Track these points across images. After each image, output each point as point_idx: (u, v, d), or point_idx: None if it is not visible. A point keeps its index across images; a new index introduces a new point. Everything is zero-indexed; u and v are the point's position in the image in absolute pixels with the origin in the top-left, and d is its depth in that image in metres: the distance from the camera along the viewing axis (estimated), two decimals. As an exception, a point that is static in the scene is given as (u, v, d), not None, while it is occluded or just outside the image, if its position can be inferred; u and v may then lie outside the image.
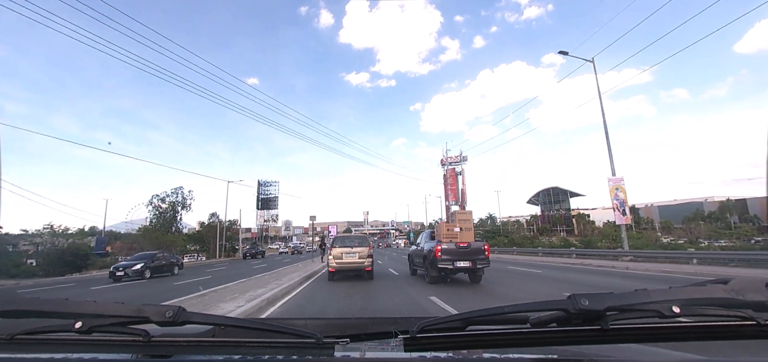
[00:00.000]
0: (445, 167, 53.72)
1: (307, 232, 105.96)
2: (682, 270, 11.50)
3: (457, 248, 9.13)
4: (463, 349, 0.85)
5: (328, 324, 0.96)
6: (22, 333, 0.82)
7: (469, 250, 9.11)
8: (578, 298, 0.69)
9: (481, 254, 9.15)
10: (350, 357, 0.82)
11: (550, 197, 60.01)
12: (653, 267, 12.99)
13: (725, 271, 10.96)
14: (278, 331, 0.80)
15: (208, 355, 0.83)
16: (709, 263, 12.89)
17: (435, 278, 9.15)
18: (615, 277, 11.16)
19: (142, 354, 0.84)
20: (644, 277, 11.00)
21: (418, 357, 0.80)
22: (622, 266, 13.85)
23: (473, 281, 9.47)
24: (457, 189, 50.85)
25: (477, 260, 9.05)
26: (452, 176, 51.85)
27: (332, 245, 10.88)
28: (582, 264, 15.67)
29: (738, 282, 0.70)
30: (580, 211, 58.17)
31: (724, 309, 0.69)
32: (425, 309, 6.40)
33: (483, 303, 6.98)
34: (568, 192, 58.93)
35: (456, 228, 9.65)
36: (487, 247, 9.55)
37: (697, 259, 13.71)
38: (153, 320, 0.75)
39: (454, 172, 51.82)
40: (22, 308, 0.80)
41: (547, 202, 60.04)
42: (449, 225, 9.86)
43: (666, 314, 0.67)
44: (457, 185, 51.01)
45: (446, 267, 8.96)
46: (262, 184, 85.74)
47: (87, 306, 0.81)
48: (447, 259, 8.95)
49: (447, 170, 53.27)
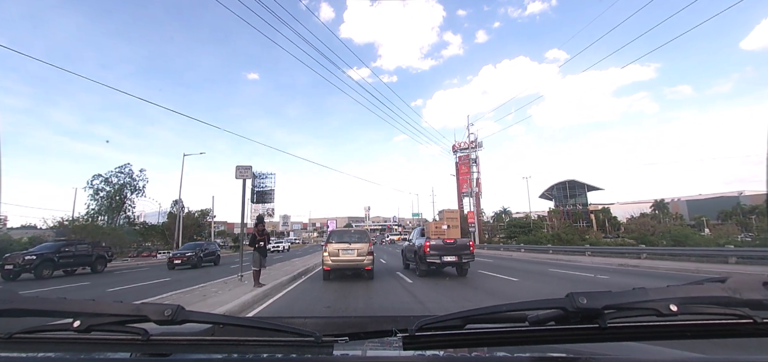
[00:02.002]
0: (457, 155, 48.20)
1: (306, 227, 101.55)
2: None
3: (444, 244, 10.02)
4: (462, 347, 0.86)
5: (327, 323, 0.97)
6: (21, 332, 0.83)
7: (455, 246, 10.01)
8: (576, 297, 0.71)
9: (466, 249, 10.09)
10: (349, 356, 0.83)
11: (566, 191, 55.37)
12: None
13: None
14: (277, 330, 0.80)
15: (207, 354, 0.84)
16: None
17: (424, 271, 10.12)
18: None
19: (141, 353, 0.84)
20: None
21: (417, 355, 0.81)
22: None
23: (460, 274, 10.35)
24: (471, 179, 45.19)
25: (462, 255, 9.99)
26: (466, 164, 46.17)
27: (328, 241, 9.85)
28: (683, 270, 11.76)
29: (735, 281, 0.71)
30: (600, 206, 53.37)
31: (721, 308, 0.70)
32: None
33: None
34: (585, 186, 54.75)
35: (444, 226, 10.68)
36: (472, 243, 10.56)
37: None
38: (152, 319, 0.76)
39: (467, 159, 46.13)
40: (20, 307, 0.80)
41: (562, 196, 55.28)
42: (437, 223, 11.04)
43: (664, 312, 0.67)
44: (472, 175, 45.29)
45: (434, 261, 9.84)
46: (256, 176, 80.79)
47: (85, 304, 0.81)
48: (435, 254, 9.84)
49: (459, 157, 47.47)
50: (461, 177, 47.50)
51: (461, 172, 47.73)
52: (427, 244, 9.96)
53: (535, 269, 12.98)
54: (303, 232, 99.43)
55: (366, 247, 9.50)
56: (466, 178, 46.02)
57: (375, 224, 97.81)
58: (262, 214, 13.57)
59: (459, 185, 47.90)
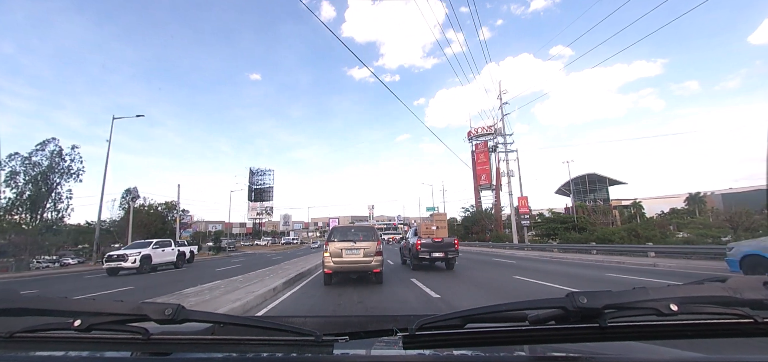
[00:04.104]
0: (472, 142, 43.39)
1: (307, 227, 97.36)
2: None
3: (433, 242, 11.71)
4: (462, 347, 0.87)
5: (327, 322, 0.98)
6: (22, 332, 0.84)
7: (442, 244, 11.73)
8: (576, 296, 0.72)
9: (451, 247, 11.82)
10: (349, 355, 0.84)
11: (585, 186, 50.79)
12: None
13: None
14: (277, 329, 0.82)
15: (207, 353, 0.86)
16: None
17: (416, 265, 12.05)
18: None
19: (142, 352, 0.86)
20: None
21: (417, 354, 0.83)
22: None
23: (448, 267, 12.04)
24: (490, 169, 40.25)
25: (448, 252, 11.73)
26: (484, 153, 41.10)
27: (329, 239, 8.58)
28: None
29: (736, 280, 0.72)
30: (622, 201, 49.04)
31: (721, 307, 0.71)
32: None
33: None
34: (606, 180, 50.51)
35: (433, 227, 12.07)
36: (457, 241, 12.56)
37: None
38: (152, 318, 0.78)
39: (485, 146, 40.86)
40: (21, 306, 0.81)
41: (580, 191, 50.73)
42: (428, 225, 12.36)
43: (664, 312, 0.69)
44: (491, 164, 40.30)
45: (424, 257, 11.63)
46: (254, 172, 75.78)
47: (86, 304, 0.83)
48: (425, 251, 11.59)
49: (476, 145, 42.65)
50: (479, 167, 42.68)
51: (478, 161, 43.03)
52: (419, 242, 11.68)
53: (609, 278, 10.34)
54: (304, 232, 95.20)
55: (373, 246, 8.42)
56: (484, 168, 41.19)
57: (379, 223, 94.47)
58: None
59: (476, 176, 43.04)
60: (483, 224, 40.85)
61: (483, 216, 42.33)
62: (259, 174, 77.01)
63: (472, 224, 43.57)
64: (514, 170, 24.75)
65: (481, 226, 40.82)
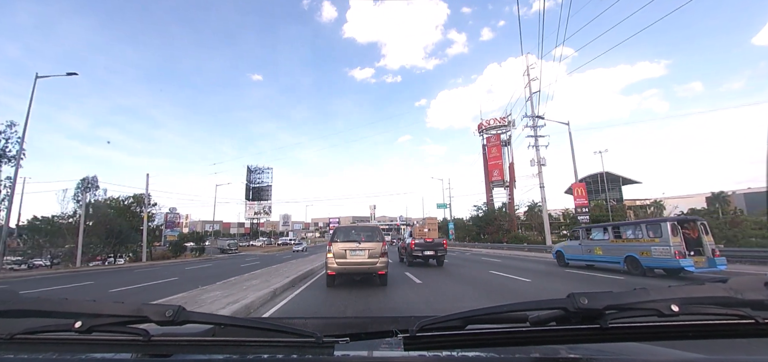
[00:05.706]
0: (483, 135, 40.40)
1: (308, 227, 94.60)
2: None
3: (425, 242, 14.26)
4: (463, 348, 0.87)
5: (327, 324, 0.98)
6: (22, 333, 0.85)
7: (433, 244, 14.17)
8: (577, 297, 0.73)
9: (440, 247, 14.11)
10: (350, 356, 0.84)
11: (597, 186, 48.27)
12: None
13: None
14: (278, 330, 0.83)
15: (208, 355, 0.87)
16: None
17: (410, 262, 14.52)
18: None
19: (142, 354, 0.87)
20: None
21: (418, 356, 0.83)
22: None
23: (438, 264, 14.20)
24: (502, 164, 37.48)
25: (438, 250, 13.98)
26: (496, 146, 38.22)
27: (333, 240, 8.50)
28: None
29: (737, 281, 0.73)
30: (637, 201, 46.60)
31: (722, 308, 0.72)
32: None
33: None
34: (620, 179, 48.15)
35: (425, 229, 15.45)
36: (445, 242, 14.91)
37: None
38: (152, 319, 0.78)
39: (498, 139, 38.02)
40: (21, 307, 0.83)
41: (591, 191, 48.20)
42: (421, 227, 16.06)
43: (665, 313, 0.69)
44: (503, 159, 37.57)
45: (417, 255, 13.96)
46: (252, 170, 72.92)
47: (86, 305, 0.84)
48: (418, 249, 13.93)
49: (487, 138, 39.78)
50: (490, 162, 40.19)
51: (490, 156, 40.57)
52: (412, 243, 14.30)
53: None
54: (304, 232, 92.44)
55: (378, 247, 8.16)
56: (496, 163, 38.48)
57: (381, 223, 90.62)
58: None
59: (487, 173, 40.31)
60: (498, 223, 38.09)
61: (498, 215, 39.72)
62: (257, 172, 74.53)
63: (486, 224, 40.93)
64: (544, 159, 21.91)
65: (496, 226, 38.11)
